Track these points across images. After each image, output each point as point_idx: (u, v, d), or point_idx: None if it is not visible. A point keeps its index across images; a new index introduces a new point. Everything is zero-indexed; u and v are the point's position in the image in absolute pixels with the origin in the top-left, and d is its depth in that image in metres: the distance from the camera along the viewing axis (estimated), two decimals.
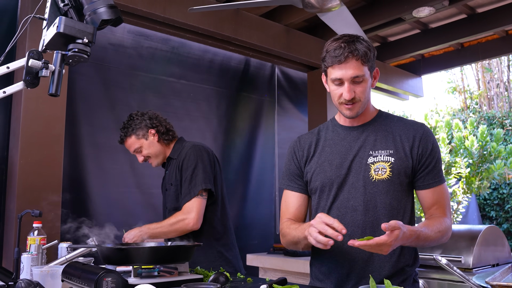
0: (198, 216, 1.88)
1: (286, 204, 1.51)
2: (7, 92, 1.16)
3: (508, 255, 2.46)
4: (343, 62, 1.30)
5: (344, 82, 1.33)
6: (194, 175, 1.93)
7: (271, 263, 2.97)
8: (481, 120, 7.44)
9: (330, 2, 2.10)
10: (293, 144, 1.53)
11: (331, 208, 1.39)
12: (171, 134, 2.11)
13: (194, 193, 1.90)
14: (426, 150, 1.37)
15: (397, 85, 4.14)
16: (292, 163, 1.50)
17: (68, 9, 1.15)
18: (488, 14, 3.26)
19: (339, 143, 1.43)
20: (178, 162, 2.02)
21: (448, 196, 1.43)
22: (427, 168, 1.37)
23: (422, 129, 1.40)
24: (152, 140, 2.07)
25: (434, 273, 2.21)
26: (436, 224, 1.32)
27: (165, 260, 1.34)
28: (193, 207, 1.88)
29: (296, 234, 1.34)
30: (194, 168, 1.94)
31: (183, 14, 2.66)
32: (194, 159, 1.96)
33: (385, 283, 1.05)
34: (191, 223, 1.87)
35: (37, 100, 2.22)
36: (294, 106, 3.90)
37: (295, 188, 1.49)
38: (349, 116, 1.38)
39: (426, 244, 1.32)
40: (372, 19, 3.13)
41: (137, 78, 2.93)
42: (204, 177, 1.93)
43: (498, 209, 6.74)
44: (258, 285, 1.29)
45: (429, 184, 1.38)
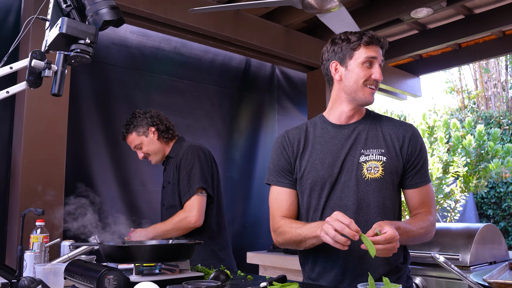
0: (200, 213, 1.93)
1: (277, 201, 1.44)
2: (10, 92, 1.16)
3: (505, 253, 2.47)
4: (377, 45, 1.37)
5: (375, 63, 1.36)
6: (192, 174, 1.97)
7: (271, 261, 2.99)
8: (479, 119, 7.47)
9: (329, 3, 2.10)
10: (281, 139, 1.47)
11: (324, 207, 1.37)
12: (171, 133, 2.15)
13: (192, 191, 1.95)
14: (415, 150, 1.39)
15: (395, 85, 4.16)
16: (282, 158, 1.44)
17: (70, 10, 1.16)
18: (485, 15, 3.28)
19: (330, 141, 1.41)
20: (176, 161, 2.06)
21: (433, 195, 1.44)
22: (415, 168, 1.39)
23: (411, 130, 1.41)
24: (152, 138, 2.12)
25: (431, 271, 2.22)
26: (419, 221, 1.33)
27: (166, 258, 1.35)
28: (194, 204, 1.93)
29: (302, 233, 1.30)
30: (192, 167, 1.98)
31: (184, 15, 2.68)
32: (191, 159, 2.00)
33: (384, 281, 1.05)
34: (193, 220, 1.91)
35: (40, 100, 2.24)
36: (294, 105, 3.92)
37: (286, 184, 1.43)
38: (370, 102, 1.39)
39: (409, 240, 1.31)
40: (370, 20, 3.15)
41: (140, 77, 2.95)
42: (201, 176, 1.97)
43: (495, 207, 6.78)
44: (258, 282, 1.30)
45: (416, 183, 1.39)
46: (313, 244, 1.30)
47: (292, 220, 1.41)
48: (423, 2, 2.88)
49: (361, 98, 1.39)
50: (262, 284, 1.22)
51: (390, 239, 1.13)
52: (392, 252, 1.16)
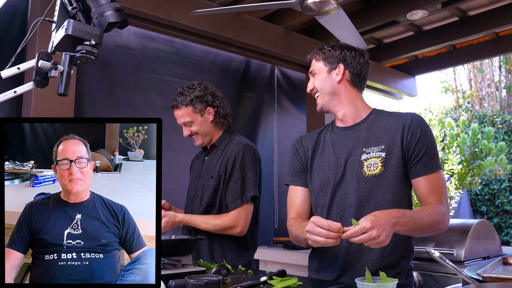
0: (246, 223, 1.81)
1: (291, 199, 1.53)
2: (17, 92, 1.16)
3: (499, 248, 2.50)
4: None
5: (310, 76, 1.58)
6: (247, 179, 1.81)
7: (271, 256, 3.04)
8: (473, 118, 7.56)
9: (328, 6, 2.11)
10: (295, 142, 1.58)
11: (330, 205, 1.42)
12: (227, 119, 1.96)
13: (246, 198, 1.79)
14: (414, 137, 1.35)
15: (391, 85, 4.21)
16: (296, 159, 1.54)
17: (76, 12, 1.16)
18: (479, 17, 3.33)
19: (336, 143, 1.47)
20: (226, 156, 1.87)
21: (444, 184, 1.35)
22: (418, 155, 1.34)
23: (411, 117, 1.38)
24: (207, 118, 1.90)
25: (427, 265, 2.24)
26: (428, 209, 1.27)
27: (169, 253, 1.37)
28: (242, 214, 1.79)
29: (298, 233, 1.38)
30: (248, 171, 1.82)
31: (186, 17, 2.72)
32: (249, 162, 1.83)
33: (380, 275, 1.08)
34: (238, 231, 1.79)
35: (46, 100, 2.27)
36: (293, 105, 3.97)
37: (299, 182, 1.52)
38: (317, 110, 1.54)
39: (421, 230, 1.25)
40: (368, 22, 3.19)
41: (142, 78, 2.99)
42: (255, 183, 1.82)
43: (489, 204, 6.86)
44: (258, 277, 1.32)
45: (421, 171, 1.34)
46: (307, 243, 1.32)
47: (296, 219, 1.47)
48: (419, 5, 2.92)
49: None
50: (262, 278, 1.26)
51: (359, 232, 1.10)
52: (376, 243, 1.11)
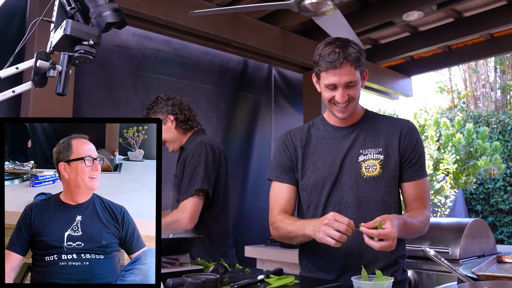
0: (191, 216, 1.86)
1: (276, 196, 1.49)
2: (16, 91, 1.16)
3: (493, 247, 2.51)
4: (338, 67, 1.31)
5: (338, 87, 1.34)
6: (194, 173, 1.91)
7: (268, 255, 3.05)
8: (468, 118, 7.62)
9: (324, 6, 2.11)
10: (284, 137, 1.52)
11: (326, 205, 1.41)
12: (189, 124, 2.10)
13: (191, 192, 1.88)
14: (410, 144, 1.42)
15: (387, 85, 4.23)
16: (284, 155, 1.49)
17: (74, 13, 1.16)
18: (474, 18, 3.36)
19: (331, 142, 1.46)
20: (184, 155, 2.02)
21: (428, 190, 1.46)
22: (411, 162, 1.42)
23: (408, 125, 1.46)
24: (170, 126, 2.08)
25: (422, 264, 2.26)
26: (419, 215, 1.35)
27: (167, 251, 1.37)
28: (187, 206, 1.87)
29: (293, 230, 1.34)
30: (196, 166, 1.92)
31: (184, 18, 2.73)
32: (197, 157, 1.94)
33: (376, 273, 1.10)
34: (183, 223, 1.85)
35: (45, 99, 2.27)
36: (290, 105, 3.99)
37: (286, 180, 1.48)
38: (341, 118, 1.41)
39: (411, 234, 1.33)
40: (364, 23, 3.20)
41: (140, 78, 3.00)
42: (203, 177, 1.89)
43: (483, 203, 6.92)
44: (255, 275, 1.32)
45: (412, 176, 1.41)
46: (302, 240, 1.36)
47: (288, 215, 1.44)
48: (415, 6, 2.94)
49: (334, 114, 1.43)
50: (260, 277, 1.26)
51: (385, 236, 1.14)
52: (389, 249, 1.16)
